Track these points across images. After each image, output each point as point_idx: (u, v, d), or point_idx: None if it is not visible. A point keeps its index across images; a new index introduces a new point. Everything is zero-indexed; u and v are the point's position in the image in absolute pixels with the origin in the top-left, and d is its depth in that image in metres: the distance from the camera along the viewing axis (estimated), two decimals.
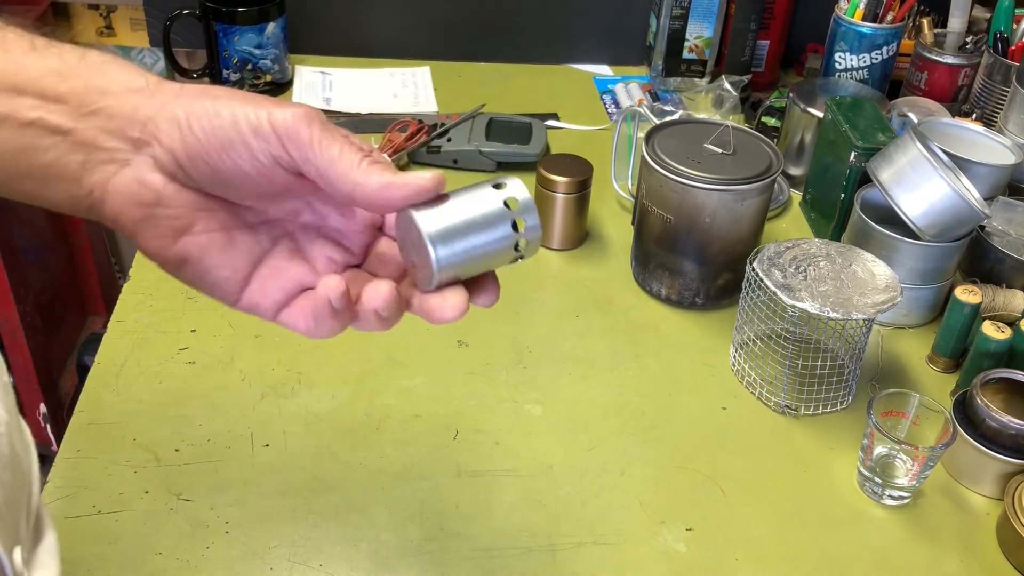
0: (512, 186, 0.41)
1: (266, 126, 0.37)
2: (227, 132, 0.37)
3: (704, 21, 1.31)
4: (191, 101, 0.37)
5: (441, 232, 0.39)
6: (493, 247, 0.41)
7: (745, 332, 0.89)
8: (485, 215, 0.40)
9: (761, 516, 0.76)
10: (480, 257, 0.41)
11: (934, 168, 0.88)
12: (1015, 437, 0.76)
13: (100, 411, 0.81)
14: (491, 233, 0.40)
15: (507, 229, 0.41)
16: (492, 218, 0.40)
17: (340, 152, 0.38)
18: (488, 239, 0.40)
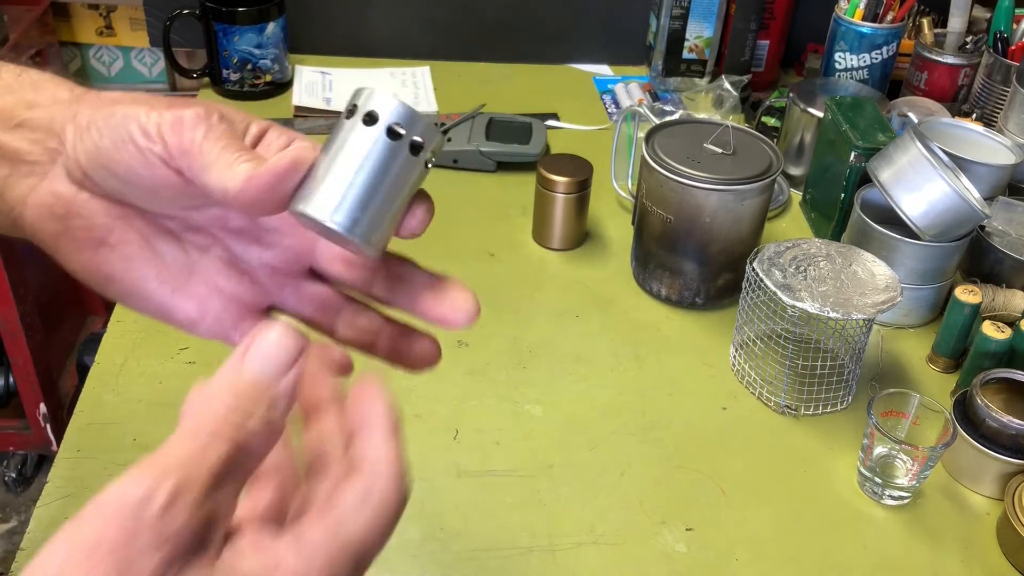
0: (381, 106, 0.34)
1: (152, 128, 0.34)
2: (119, 132, 0.35)
3: (704, 21, 1.31)
4: (96, 106, 0.36)
5: (338, 208, 0.34)
6: (403, 181, 0.35)
7: (745, 332, 0.89)
8: (376, 162, 0.34)
9: (761, 516, 0.76)
10: (396, 198, 0.35)
11: (934, 168, 0.88)
12: (1015, 437, 0.76)
13: (100, 411, 0.81)
14: (393, 173, 0.34)
15: (406, 158, 0.34)
16: (385, 159, 0.34)
17: (217, 156, 0.34)
18: (393, 180, 0.34)
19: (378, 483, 0.32)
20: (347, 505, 0.31)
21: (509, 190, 1.11)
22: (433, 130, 0.35)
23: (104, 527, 0.26)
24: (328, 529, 0.30)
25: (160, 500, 0.26)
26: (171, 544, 0.26)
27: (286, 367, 0.31)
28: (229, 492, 0.29)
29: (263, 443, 0.30)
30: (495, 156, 1.14)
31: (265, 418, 0.30)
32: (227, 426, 0.29)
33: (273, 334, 0.32)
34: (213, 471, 0.28)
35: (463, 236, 1.04)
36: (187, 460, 0.28)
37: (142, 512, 0.26)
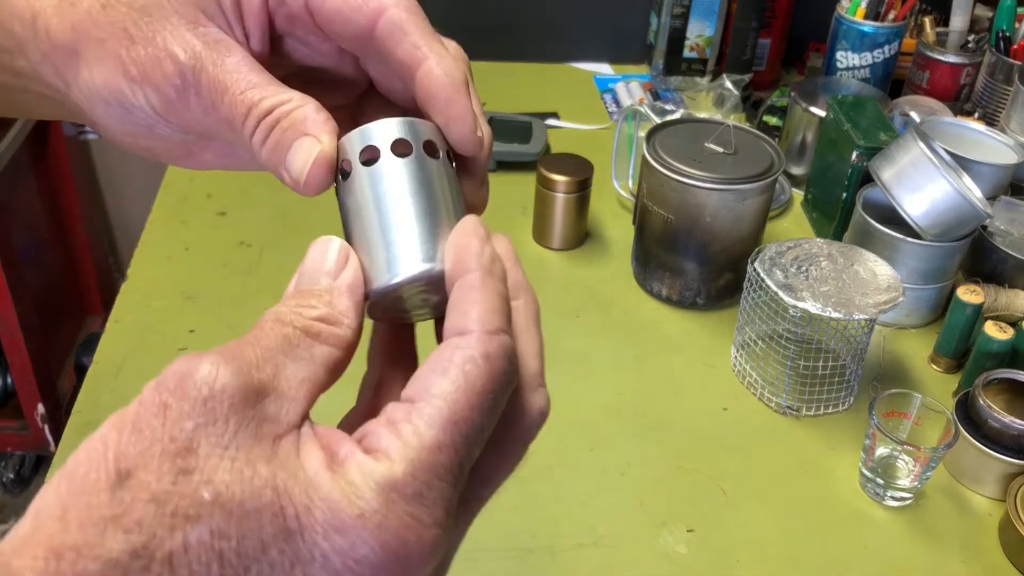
0: (373, 138, 0.31)
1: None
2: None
3: (705, 20, 1.31)
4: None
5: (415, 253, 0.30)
6: (446, 186, 0.32)
7: (746, 332, 0.88)
8: (407, 190, 0.30)
9: (762, 517, 0.76)
10: (454, 204, 0.32)
11: (936, 168, 0.87)
12: (1017, 438, 0.76)
13: (98, 412, 0.80)
14: (434, 185, 0.31)
15: (428, 163, 0.31)
16: (414, 180, 0.31)
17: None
18: (439, 192, 0.31)
19: (455, 349, 0.27)
20: (424, 385, 0.27)
21: (509, 189, 1.11)
22: (434, 126, 0.32)
23: (143, 402, 0.25)
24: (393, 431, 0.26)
25: (202, 367, 0.25)
26: (211, 405, 0.25)
27: (338, 269, 0.30)
28: (294, 372, 0.27)
29: (328, 329, 0.28)
30: (495, 155, 1.13)
31: (323, 312, 0.28)
32: (283, 316, 0.28)
33: (313, 249, 0.30)
34: (267, 349, 0.27)
35: None
36: (238, 344, 0.27)
37: (182, 378, 0.25)
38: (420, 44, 0.31)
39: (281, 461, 0.25)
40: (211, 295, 0.94)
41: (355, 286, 0.30)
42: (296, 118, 0.31)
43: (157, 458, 0.24)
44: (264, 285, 0.96)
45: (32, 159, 1.65)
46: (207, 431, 0.24)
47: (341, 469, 0.25)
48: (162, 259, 0.99)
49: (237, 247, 1.01)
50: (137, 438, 0.24)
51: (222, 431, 0.25)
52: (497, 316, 0.28)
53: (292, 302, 0.29)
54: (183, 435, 0.24)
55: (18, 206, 1.63)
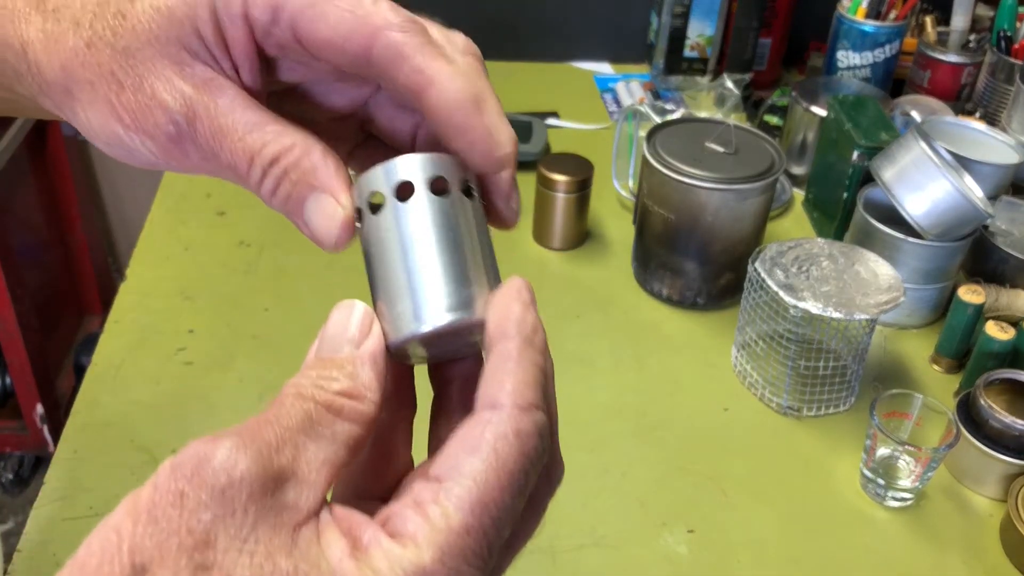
0: (406, 172, 0.29)
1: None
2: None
3: (706, 19, 1.30)
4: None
5: (440, 301, 0.29)
6: (479, 227, 0.30)
7: (747, 332, 0.88)
8: (443, 228, 0.29)
9: (763, 518, 0.75)
10: (483, 246, 0.30)
11: (937, 167, 0.87)
12: (1019, 438, 0.75)
13: (97, 412, 0.80)
14: (466, 225, 0.30)
15: (464, 204, 0.30)
16: (448, 219, 0.29)
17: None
18: (472, 231, 0.30)
19: (487, 424, 0.26)
20: (452, 461, 0.26)
21: None
22: (439, 158, 0.30)
23: (160, 486, 0.24)
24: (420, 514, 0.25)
25: (219, 452, 0.24)
26: (229, 495, 0.24)
27: (362, 336, 0.29)
28: (315, 455, 0.26)
29: (351, 405, 0.27)
30: None
31: (346, 385, 0.27)
32: (304, 391, 0.27)
33: (337, 313, 0.29)
34: (287, 428, 0.25)
35: None
36: (258, 423, 0.25)
37: (198, 465, 0.24)
38: (422, 68, 0.29)
39: (302, 552, 0.24)
40: (210, 295, 0.94)
41: (378, 355, 0.29)
42: (304, 168, 0.30)
43: (174, 553, 0.23)
44: (263, 285, 0.96)
45: (31, 159, 1.65)
46: (225, 523, 0.24)
47: (365, 557, 0.24)
48: (161, 259, 0.99)
49: (236, 247, 1.01)
50: (153, 529, 0.23)
51: (241, 522, 0.24)
52: (532, 391, 0.27)
53: (313, 372, 0.28)
54: (200, 527, 0.23)
55: (17, 206, 1.62)
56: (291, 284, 0.96)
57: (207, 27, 0.29)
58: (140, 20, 0.29)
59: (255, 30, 0.30)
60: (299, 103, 0.34)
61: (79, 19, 0.30)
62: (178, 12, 0.29)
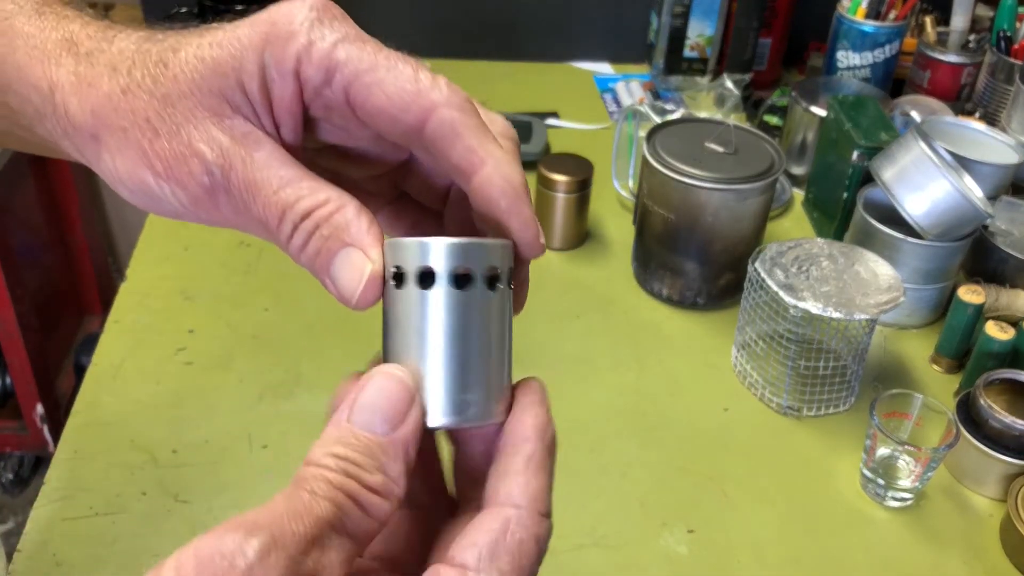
0: (433, 257, 0.28)
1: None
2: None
3: (705, 19, 1.30)
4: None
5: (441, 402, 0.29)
6: (499, 323, 0.29)
7: (747, 332, 0.88)
8: (461, 325, 0.28)
9: (763, 518, 0.75)
10: (500, 344, 0.30)
11: (937, 167, 0.87)
12: (1018, 438, 0.75)
13: (97, 412, 0.80)
14: (484, 323, 0.29)
15: (487, 299, 0.29)
16: (466, 315, 0.28)
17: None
18: (488, 329, 0.29)
19: (513, 523, 0.27)
20: (479, 554, 0.26)
21: None
22: (501, 248, 0.29)
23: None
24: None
25: (251, 554, 0.23)
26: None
27: (399, 418, 0.28)
28: (336, 557, 0.25)
29: (378, 503, 0.26)
30: None
31: (379, 474, 0.27)
32: (333, 480, 0.26)
33: (376, 381, 0.28)
34: (315, 528, 0.24)
35: None
36: (285, 515, 0.24)
37: (229, 567, 0.23)
38: (475, 148, 0.29)
39: None
40: (210, 295, 0.94)
41: (411, 444, 0.28)
42: (337, 224, 0.29)
43: None
44: (263, 285, 0.96)
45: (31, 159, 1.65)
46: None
47: None
48: (161, 259, 0.99)
49: (236, 247, 1.01)
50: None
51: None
52: (549, 498, 0.29)
53: (342, 451, 0.26)
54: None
55: (17, 206, 1.62)
56: (291, 284, 0.96)
57: (253, 81, 0.29)
58: (183, 69, 0.29)
59: (304, 89, 0.29)
60: (335, 160, 0.33)
61: (116, 65, 0.29)
62: (224, 64, 0.29)
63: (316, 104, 0.30)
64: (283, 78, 0.29)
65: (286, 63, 0.29)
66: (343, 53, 0.29)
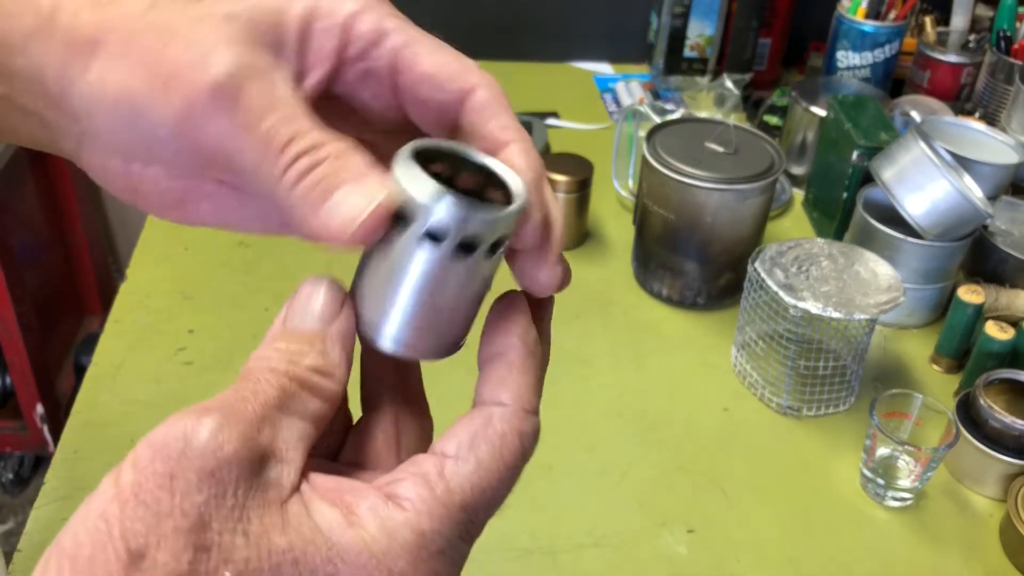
0: (413, 201, 0.27)
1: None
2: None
3: (705, 19, 1.30)
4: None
5: (381, 329, 0.29)
6: (458, 288, 0.29)
7: (747, 332, 0.88)
8: (415, 273, 0.28)
9: (763, 518, 0.75)
10: (455, 305, 0.29)
11: (937, 167, 0.87)
12: (1018, 438, 0.75)
13: (97, 412, 0.80)
14: (439, 282, 0.28)
15: (452, 263, 0.28)
16: (424, 269, 0.28)
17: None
18: (443, 289, 0.28)
19: (495, 417, 0.28)
20: (458, 443, 0.27)
21: None
22: (492, 219, 0.27)
23: (144, 468, 0.23)
24: (425, 484, 0.26)
25: (204, 432, 0.24)
26: (219, 477, 0.23)
27: (332, 315, 0.28)
28: (290, 433, 0.26)
29: (322, 382, 0.27)
30: None
31: (317, 363, 0.27)
32: (277, 366, 0.26)
33: (307, 287, 0.29)
34: (263, 408, 0.25)
35: None
36: (234, 400, 0.25)
37: (185, 446, 0.23)
38: (509, 127, 0.30)
39: (295, 528, 0.24)
40: (210, 295, 0.94)
41: (347, 336, 0.28)
42: (348, 164, 0.27)
43: (170, 536, 0.23)
44: (263, 285, 0.96)
45: (31, 159, 1.65)
46: (218, 504, 0.23)
47: (361, 524, 0.25)
48: (161, 259, 0.99)
49: (236, 247, 1.01)
50: (144, 513, 0.23)
51: (232, 503, 0.23)
52: (535, 397, 0.29)
53: (282, 344, 0.27)
54: (194, 510, 0.23)
55: (17, 206, 1.62)
56: (291, 284, 0.95)
57: (294, 24, 0.28)
58: (219, 3, 0.28)
59: (349, 45, 0.29)
60: (347, 113, 0.32)
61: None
62: (267, 1, 0.28)
63: (355, 68, 0.29)
64: (329, 30, 0.29)
65: (336, 15, 0.28)
66: (391, 23, 0.29)
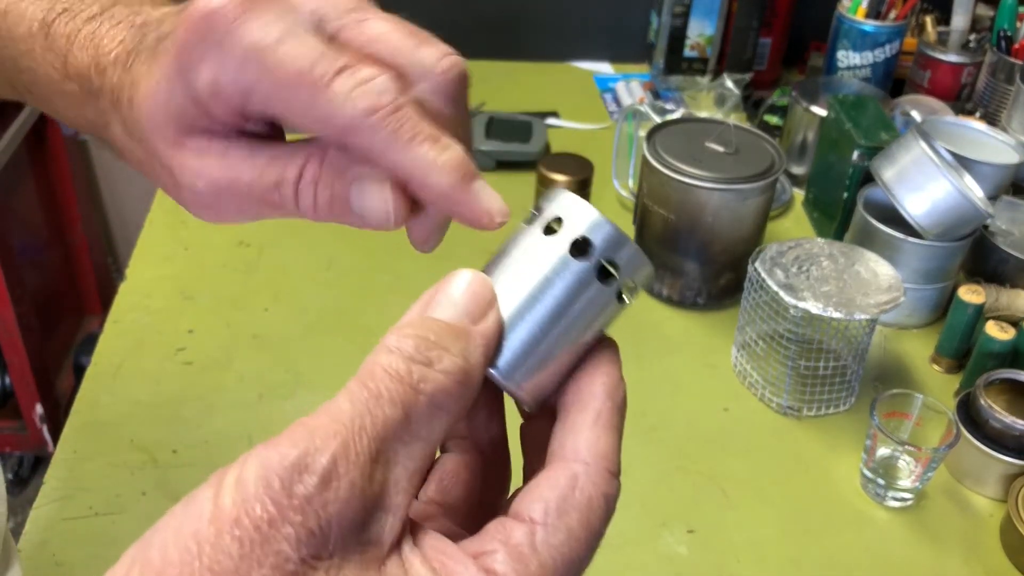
0: (569, 212, 0.28)
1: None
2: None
3: (706, 19, 1.30)
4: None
5: (512, 360, 0.27)
6: (584, 315, 0.27)
7: (747, 332, 0.88)
8: (551, 281, 0.27)
9: (763, 518, 0.75)
10: (574, 335, 0.28)
11: (937, 167, 0.87)
12: (1018, 438, 0.75)
13: (97, 412, 0.80)
14: (571, 300, 0.27)
15: (591, 289, 0.27)
16: (562, 279, 0.27)
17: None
18: (572, 310, 0.27)
19: (581, 479, 0.25)
20: (547, 508, 0.25)
21: (509, 189, 1.10)
22: (637, 256, 0.28)
23: (246, 501, 0.21)
24: (519, 558, 0.24)
25: (314, 479, 0.21)
26: (320, 536, 0.21)
27: (480, 313, 0.26)
28: (404, 470, 0.23)
29: (454, 400, 0.24)
30: (495, 155, 1.13)
31: (457, 365, 0.24)
32: (407, 375, 0.23)
33: (458, 276, 0.27)
34: (383, 437, 0.23)
35: (462, 235, 1.03)
36: (352, 424, 0.22)
37: (289, 493, 0.21)
38: (400, 163, 0.28)
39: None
40: (210, 295, 0.94)
41: (492, 340, 0.26)
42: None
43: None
44: (263, 285, 0.96)
45: (31, 159, 1.65)
46: (314, 563, 0.22)
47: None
48: (161, 259, 0.99)
49: (236, 247, 1.01)
50: (237, 551, 0.21)
51: (328, 564, 0.22)
52: (618, 458, 0.27)
53: (419, 333, 0.24)
54: (289, 565, 0.21)
55: (16, 206, 1.62)
56: (291, 284, 0.96)
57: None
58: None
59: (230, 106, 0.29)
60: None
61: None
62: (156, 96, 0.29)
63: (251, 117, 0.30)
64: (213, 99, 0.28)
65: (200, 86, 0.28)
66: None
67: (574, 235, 0.27)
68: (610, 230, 0.27)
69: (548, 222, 0.28)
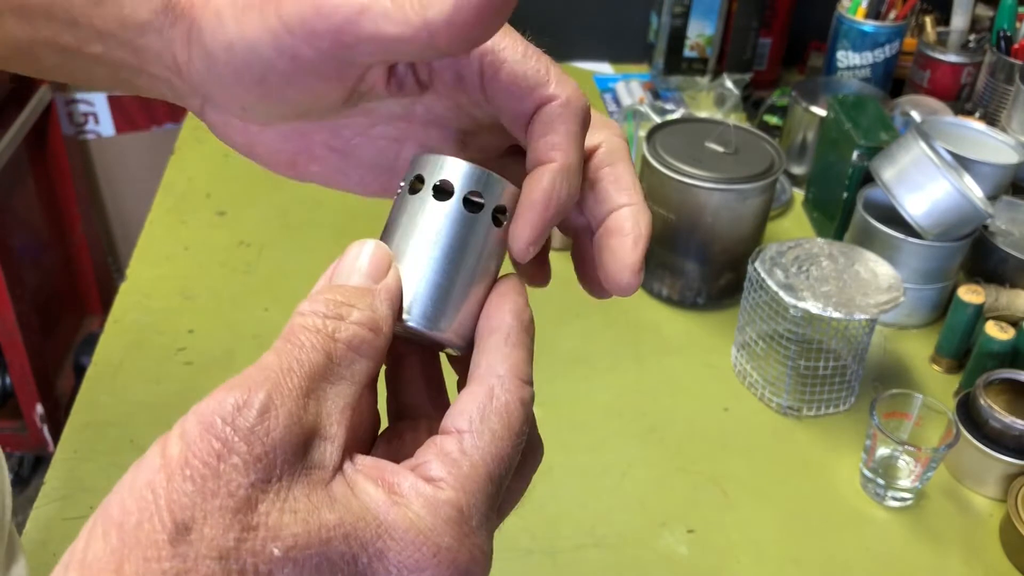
0: (424, 166, 0.30)
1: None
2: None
3: (705, 19, 1.30)
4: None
5: (415, 304, 0.29)
6: (489, 257, 0.31)
7: (747, 332, 0.88)
8: (456, 240, 0.30)
9: (763, 518, 0.75)
10: (484, 276, 0.31)
11: (937, 167, 0.87)
12: (1018, 438, 0.75)
13: (97, 412, 0.80)
14: (477, 250, 0.30)
15: (488, 230, 0.30)
16: (465, 236, 0.30)
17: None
18: (478, 257, 0.30)
19: (496, 389, 0.28)
20: (471, 418, 0.27)
21: None
22: (492, 179, 0.30)
23: (190, 445, 0.23)
24: (452, 462, 0.26)
25: (251, 414, 0.24)
26: (265, 462, 0.23)
27: (380, 273, 0.29)
28: (334, 404, 0.26)
29: (368, 338, 0.27)
30: None
31: (366, 316, 0.27)
32: (323, 327, 0.26)
33: (355, 246, 0.29)
34: (308, 380, 0.25)
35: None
36: (280, 370, 0.25)
37: (232, 427, 0.23)
38: (558, 145, 0.31)
39: (343, 505, 0.25)
40: (210, 295, 0.94)
41: (395, 294, 0.29)
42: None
43: (217, 513, 0.23)
44: (263, 285, 0.96)
45: (31, 159, 1.65)
46: (265, 488, 0.23)
47: (406, 501, 0.25)
48: (161, 259, 0.99)
49: (236, 247, 1.01)
50: (192, 489, 0.23)
51: (278, 487, 0.24)
52: (529, 368, 0.29)
53: (328, 295, 0.27)
54: (241, 491, 0.23)
55: (17, 206, 1.62)
56: (291, 284, 0.96)
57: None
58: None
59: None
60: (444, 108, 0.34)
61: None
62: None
63: (449, 70, 0.33)
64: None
65: None
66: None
67: (433, 182, 0.30)
68: (462, 166, 0.30)
69: (411, 182, 0.31)
